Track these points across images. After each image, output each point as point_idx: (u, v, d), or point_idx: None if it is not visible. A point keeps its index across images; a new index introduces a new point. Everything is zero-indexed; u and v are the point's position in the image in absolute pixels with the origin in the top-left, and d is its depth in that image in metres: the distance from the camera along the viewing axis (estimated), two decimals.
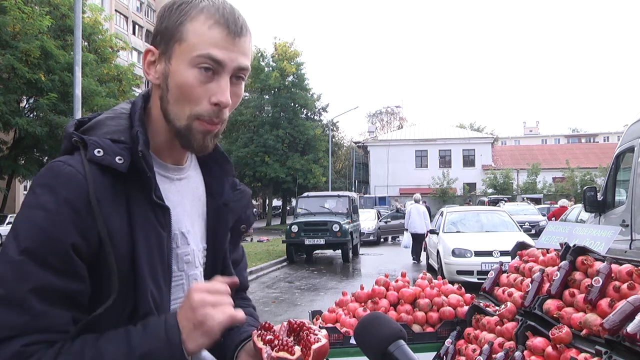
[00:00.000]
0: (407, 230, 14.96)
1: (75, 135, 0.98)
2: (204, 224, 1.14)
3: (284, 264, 15.33)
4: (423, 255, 14.12)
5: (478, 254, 9.93)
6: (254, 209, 1.28)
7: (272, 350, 0.96)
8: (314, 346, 0.97)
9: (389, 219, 23.34)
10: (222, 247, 1.16)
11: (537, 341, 1.88)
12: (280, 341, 0.98)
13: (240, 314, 0.93)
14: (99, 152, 0.94)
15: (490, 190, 41.82)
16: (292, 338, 1.02)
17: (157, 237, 0.98)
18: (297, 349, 0.97)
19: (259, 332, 1.01)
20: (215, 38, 0.96)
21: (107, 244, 0.91)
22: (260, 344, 0.98)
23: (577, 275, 1.94)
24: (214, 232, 1.15)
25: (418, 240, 14.34)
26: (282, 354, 0.96)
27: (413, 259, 14.79)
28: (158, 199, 0.98)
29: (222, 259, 1.16)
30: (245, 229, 1.21)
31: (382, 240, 22.76)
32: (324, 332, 1.03)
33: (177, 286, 1.05)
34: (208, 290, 0.93)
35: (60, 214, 0.88)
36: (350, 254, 15.43)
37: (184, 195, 1.10)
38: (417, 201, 15.18)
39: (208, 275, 1.12)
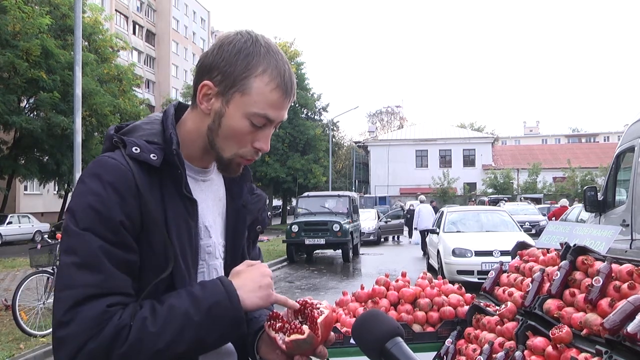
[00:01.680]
0: (416, 228, 16.38)
1: (115, 136, 1.12)
2: (223, 222, 1.27)
3: (284, 263, 15.32)
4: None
5: (478, 253, 9.92)
6: (268, 212, 1.41)
7: (285, 335, 1.06)
8: (319, 319, 1.06)
9: (389, 219, 23.38)
10: (240, 244, 1.29)
11: (538, 341, 1.88)
12: (290, 325, 1.07)
13: (290, 301, 1.11)
14: (136, 149, 1.08)
15: (490, 190, 41.81)
16: (299, 318, 1.10)
17: (187, 226, 1.12)
18: (306, 328, 1.06)
19: (269, 322, 1.11)
20: (274, 100, 1.11)
21: (155, 224, 1.05)
22: (273, 334, 1.08)
23: (578, 275, 1.94)
24: (234, 229, 1.28)
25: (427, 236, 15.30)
26: (293, 337, 1.05)
27: (423, 254, 15.60)
28: (188, 192, 1.12)
29: (240, 254, 1.28)
30: (261, 229, 1.36)
31: (382, 240, 22.77)
32: (326, 303, 1.12)
33: (199, 273, 1.17)
34: None
35: (108, 196, 1.02)
36: (351, 254, 15.42)
37: (207, 194, 1.23)
38: (422, 202, 17.17)
39: (228, 269, 1.22)
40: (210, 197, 1.24)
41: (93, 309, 0.96)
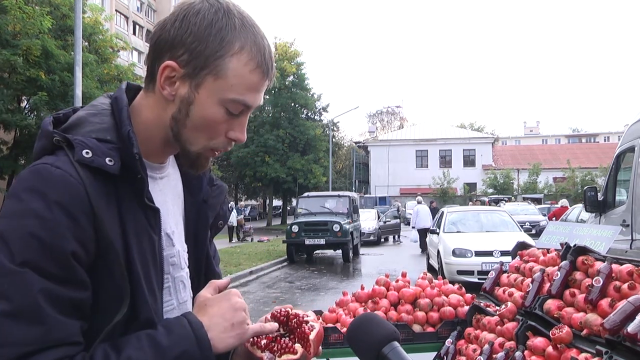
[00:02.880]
0: (414, 227, 17.29)
1: (57, 134, 0.90)
2: (184, 224, 1.10)
3: (285, 264, 15.34)
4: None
5: (478, 254, 9.92)
6: (230, 204, 1.27)
7: (274, 355, 0.95)
8: (311, 336, 0.98)
9: (388, 219, 23.45)
10: (204, 247, 1.13)
11: (538, 341, 1.88)
12: (279, 344, 0.97)
13: (267, 327, 0.97)
14: (87, 153, 0.87)
15: (490, 190, 41.81)
16: (281, 330, 1.01)
17: (150, 241, 0.94)
18: (298, 347, 0.97)
19: (252, 338, 0.97)
20: (253, 83, 0.95)
21: (112, 250, 0.87)
22: (259, 353, 0.96)
23: (578, 275, 1.94)
24: (195, 231, 1.11)
25: (425, 234, 15.81)
26: (285, 357, 0.95)
27: (421, 251, 16.45)
28: (150, 201, 0.94)
29: (204, 259, 1.13)
30: (223, 225, 1.19)
31: (382, 240, 22.78)
32: (312, 314, 1.03)
33: (164, 289, 1.00)
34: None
35: (56, 221, 0.81)
36: (351, 254, 15.43)
37: (166, 194, 1.04)
38: (420, 202, 18.24)
39: (192, 277, 1.10)
40: (169, 197, 1.05)
41: None
